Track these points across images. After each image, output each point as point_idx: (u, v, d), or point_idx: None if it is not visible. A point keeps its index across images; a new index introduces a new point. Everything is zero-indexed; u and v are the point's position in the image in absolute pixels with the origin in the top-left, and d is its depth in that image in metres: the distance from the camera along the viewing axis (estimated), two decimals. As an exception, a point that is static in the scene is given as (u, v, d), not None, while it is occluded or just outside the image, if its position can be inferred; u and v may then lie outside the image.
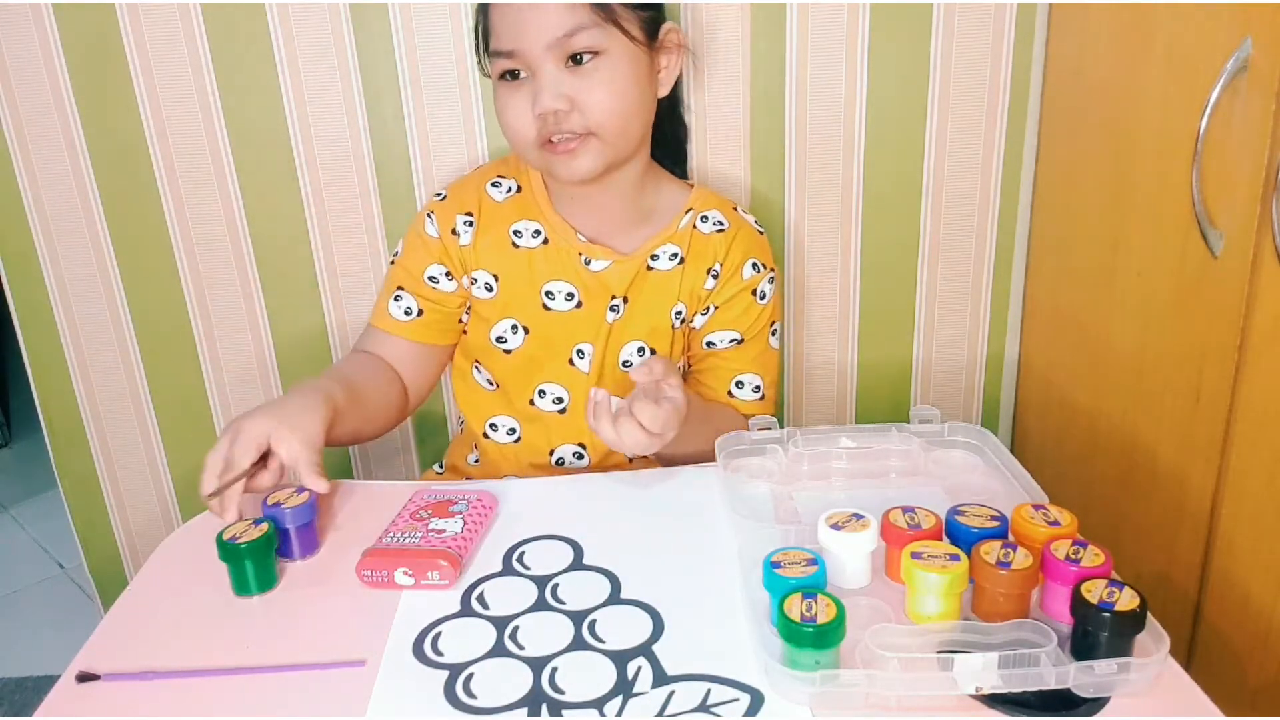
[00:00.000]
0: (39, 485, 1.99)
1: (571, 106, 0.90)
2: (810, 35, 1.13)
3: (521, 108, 0.91)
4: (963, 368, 1.29)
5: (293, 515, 0.80)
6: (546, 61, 0.89)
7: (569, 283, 1.01)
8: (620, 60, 0.91)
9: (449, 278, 1.01)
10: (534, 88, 0.90)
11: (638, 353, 1.02)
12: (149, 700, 0.67)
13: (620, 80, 0.91)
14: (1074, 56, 1.10)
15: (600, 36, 0.90)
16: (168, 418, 1.27)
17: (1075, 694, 0.62)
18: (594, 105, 0.90)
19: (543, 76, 0.89)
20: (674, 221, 1.02)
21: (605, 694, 0.65)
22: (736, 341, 1.03)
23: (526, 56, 0.89)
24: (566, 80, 0.90)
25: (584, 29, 0.89)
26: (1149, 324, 0.97)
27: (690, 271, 1.01)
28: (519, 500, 0.88)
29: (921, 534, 0.71)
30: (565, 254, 1.00)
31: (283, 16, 1.10)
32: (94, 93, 1.12)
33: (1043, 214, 1.20)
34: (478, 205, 1.02)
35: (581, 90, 0.90)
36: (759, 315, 1.03)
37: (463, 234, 1.01)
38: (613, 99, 0.91)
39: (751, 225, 1.05)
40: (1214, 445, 0.88)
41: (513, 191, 1.03)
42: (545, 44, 0.88)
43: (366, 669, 0.68)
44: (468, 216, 1.01)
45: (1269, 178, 0.78)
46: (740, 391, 1.04)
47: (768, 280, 1.03)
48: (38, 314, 1.21)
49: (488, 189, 1.03)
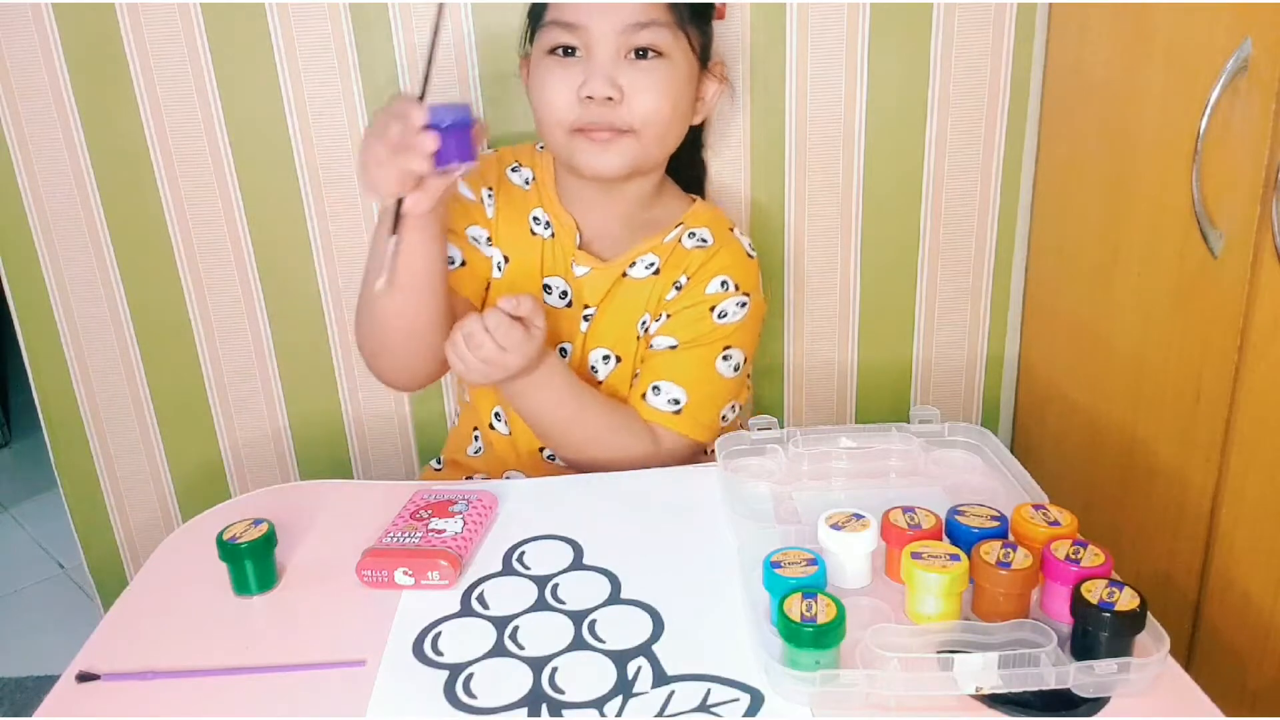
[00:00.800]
0: (39, 485, 1.99)
1: (621, 98, 0.89)
2: (810, 35, 1.13)
3: (567, 86, 0.89)
4: (963, 368, 1.29)
5: (451, 111, 0.76)
6: (609, 46, 0.88)
7: (563, 280, 1.00)
8: (679, 67, 0.91)
9: (489, 243, 1.00)
10: (586, 69, 0.88)
11: (602, 360, 1.00)
12: (149, 700, 0.67)
13: (675, 87, 0.91)
14: (1074, 56, 1.09)
15: (668, 37, 0.89)
16: (168, 418, 1.27)
17: (1075, 694, 0.62)
18: (643, 103, 0.89)
19: (601, 60, 0.88)
20: (662, 234, 1.00)
21: (605, 694, 0.65)
22: (672, 347, 0.96)
23: (590, 35, 0.88)
24: (624, 70, 0.89)
25: (656, 25, 0.88)
26: (1149, 324, 0.97)
27: (661, 282, 0.99)
28: (519, 500, 0.88)
29: (921, 534, 0.71)
30: (564, 252, 1.00)
31: (283, 16, 1.10)
32: (94, 93, 1.12)
33: (1043, 214, 1.19)
34: (498, 182, 1.01)
35: (636, 85, 0.89)
36: (709, 330, 0.96)
37: (487, 207, 1.00)
38: (662, 101, 0.90)
39: (741, 246, 1.01)
40: (1214, 445, 0.88)
41: (531, 180, 1.02)
42: (616, 28, 0.87)
43: (366, 669, 0.68)
44: (489, 191, 1.01)
45: (1269, 178, 0.78)
46: (655, 397, 0.95)
47: (736, 302, 0.97)
48: (38, 314, 1.21)
49: (507, 173, 1.02)
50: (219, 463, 1.29)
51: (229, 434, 1.28)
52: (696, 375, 0.96)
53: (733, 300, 0.97)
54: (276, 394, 1.26)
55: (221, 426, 1.27)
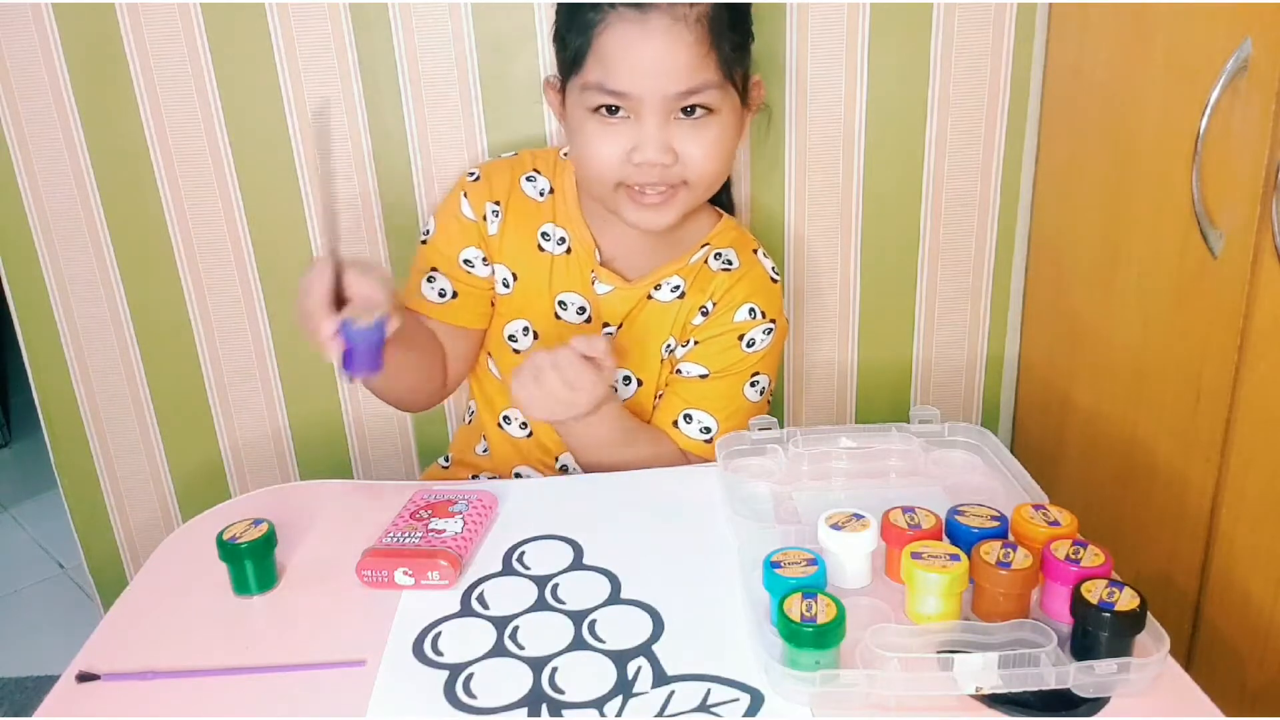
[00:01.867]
0: (39, 485, 1.99)
1: (674, 161, 0.88)
2: (810, 35, 1.13)
3: (617, 146, 0.88)
4: (963, 368, 1.29)
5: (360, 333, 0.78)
6: (659, 112, 0.86)
7: (582, 296, 1.00)
8: (729, 120, 0.90)
9: (484, 263, 1.00)
10: (636, 133, 0.87)
11: (623, 382, 1.00)
12: (149, 700, 0.67)
13: (726, 141, 0.90)
14: (1074, 56, 1.09)
15: (718, 97, 0.88)
16: (168, 418, 1.27)
17: (1075, 694, 0.62)
18: (696, 161, 0.88)
19: (651, 126, 0.86)
20: (688, 254, 0.99)
21: (605, 694, 0.65)
22: (703, 376, 0.98)
23: (639, 102, 0.86)
24: (674, 131, 0.87)
25: (708, 88, 0.87)
26: (1149, 324, 0.97)
27: (687, 306, 0.98)
28: (519, 500, 0.88)
29: (921, 534, 0.71)
30: (582, 268, 0.99)
31: (283, 16, 1.10)
32: (94, 93, 1.12)
33: (1043, 214, 1.19)
34: (507, 195, 1.00)
35: (688, 144, 0.88)
36: (739, 360, 0.98)
37: (490, 223, 0.99)
38: (716, 159, 0.90)
39: (765, 269, 1.01)
40: (1214, 445, 0.88)
41: (546, 193, 1.00)
42: (666, 95, 0.85)
43: (366, 669, 0.68)
44: (495, 205, 0.99)
45: (1269, 178, 0.78)
46: (687, 425, 0.97)
47: (763, 330, 0.98)
48: (38, 314, 1.21)
49: (521, 182, 1.00)
50: (219, 463, 1.29)
51: (229, 434, 1.28)
52: (726, 404, 0.98)
53: (760, 328, 0.98)
54: (276, 394, 1.26)
55: (221, 426, 1.27)
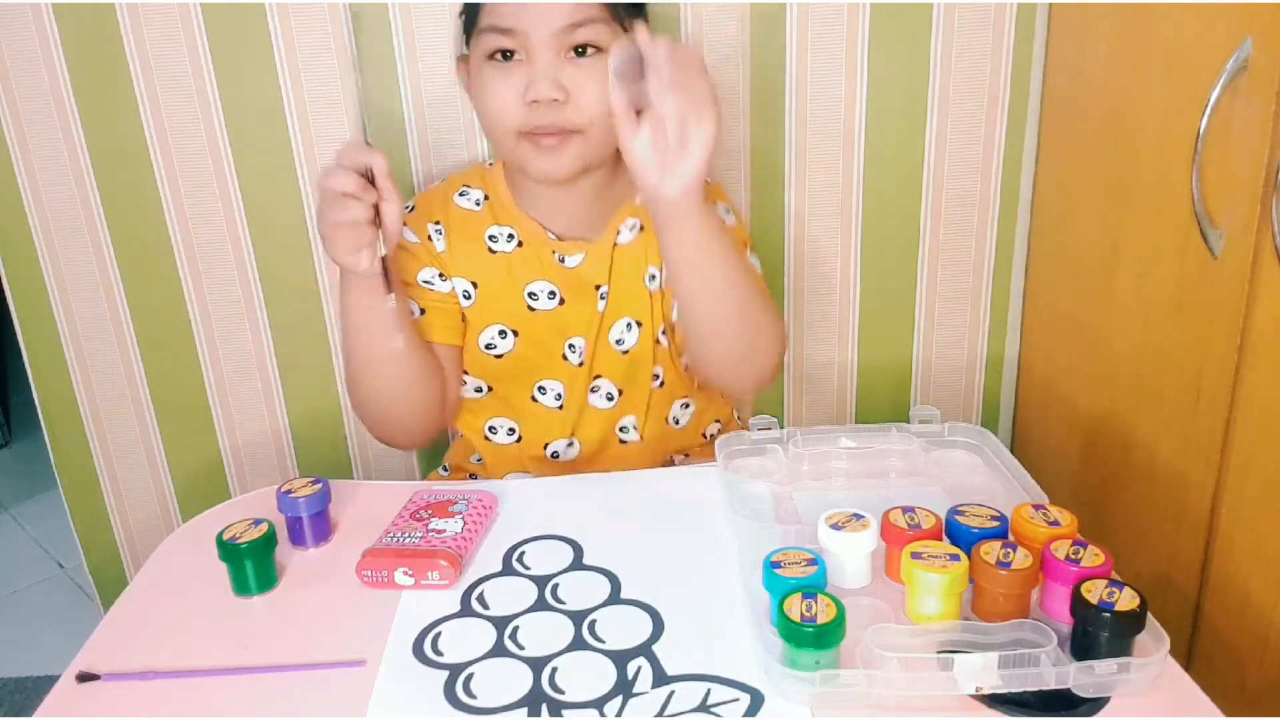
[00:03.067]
0: (39, 485, 1.99)
1: (567, 98, 0.88)
2: (810, 35, 1.13)
3: (511, 91, 0.89)
4: (963, 368, 1.29)
5: (306, 504, 0.81)
6: (548, 47, 0.87)
7: (549, 281, 1.00)
8: None
9: (442, 279, 1.00)
10: (529, 73, 0.88)
11: (626, 329, 1.01)
12: (149, 700, 0.67)
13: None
14: (1074, 56, 1.09)
15: (606, 33, 0.89)
16: (168, 418, 1.27)
17: (1075, 694, 0.62)
18: (590, 101, 0.89)
19: (541, 63, 0.88)
20: (632, 197, 0.99)
21: (605, 694, 0.65)
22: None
23: (528, 38, 0.87)
24: (566, 70, 0.88)
25: (594, 21, 0.88)
26: (1149, 324, 0.97)
27: (650, 235, 0.98)
28: (519, 500, 0.88)
29: (921, 534, 0.71)
30: (540, 254, 1.00)
31: (283, 16, 1.10)
32: (94, 93, 1.12)
33: (1043, 214, 1.19)
34: (445, 213, 1.01)
35: (579, 83, 0.88)
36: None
37: (436, 241, 1.00)
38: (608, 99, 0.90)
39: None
40: (1214, 445, 0.88)
41: (482, 201, 1.01)
42: (552, 29, 0.87)
43: (366, 669, 0.68)
44: (436, 225, 1.00)
45: (1269, 178, 0.78)
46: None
47: (722, 210, 1.00)
48: (38, 314, 1.21)
49: (455, 199, 1.01)
50: (219, 463, 1.29)
51: (229, 434, 1.28)
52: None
53: (719, 210, 0.98)
54: (276, 394, 1.26)
55: (221, 426, 1.27)
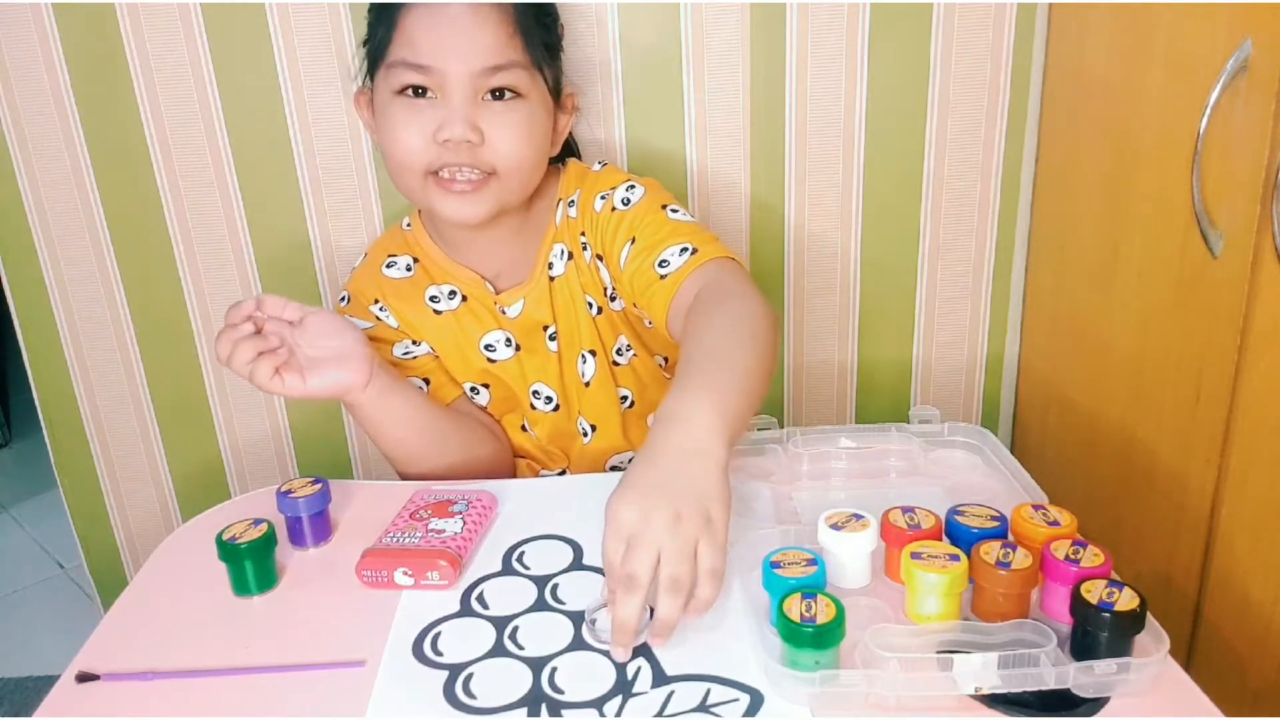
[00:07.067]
0: (39, 485, 1.99)
1: (481, 140, 0.87)
2: (810, 35, 1.13)
3: (422, 130, 0.87)
4: (963, 368, 1.29)
5: (306, 504, 0.81)
6: (465, 88, 0.86)
7: (501, 330, 0.99)
8: (537, 108, 0.90)
9: (415, 344, 1.00)
10: (442, 112, 0.86)
11: (582, 360, 0.99)
12: (149, 700, 0.67)
13: (534, 126, 0.90)
14: (1074, 56, 1.09)
15: (525, 79, 0.88)
16: (168, 418, 1.27)
17: (1075, 694, 0.62)
18: (504, 145, 0.88)
19: (458, 103, 0.86)
20: (552, 221, 0.98)
21: (605, 694, 0.65)
22: (631, 242, 0.93)
23: (444, 77, 0.85)
24: (481, 112, 0.87)
25: (515, 66, 0.87)
26: (1149, 324, 0.97)
27: (579, 259, 0.97)
28: (519, 500, 0.88)
29: (921, 534, 0.71)
30: (485, 306, 0.99)
31: (283, 16, 1.10)
32: (94, 93, 1.12)
33: (1043, 214, 1.20)
34: (380, 291, 1.00)
35: (495, 127, 0.87)
36: (635, 214, 0.93)
37: (386, 319, 0.99)
38: (523, 143, 0.89)
39: (592, 171, 0.99)
40: (1214, 445, 0.88)
41: (412, 265, 1.00)
42: (472, 70, 0.85)
43: (366, 669, 0.68)
44: (377, 304, 0.99)
45: (1269, 178, 0.78)
46: (668, 267, 0.89)
47: (624, 188, 0.95)
48: (38, 314, 1.21)
49: (384, 272, 1.00)
50: (219, 463, 1.29)
51: (229, 434, 1.28)
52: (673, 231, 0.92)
53: (620, 190, 0.95)
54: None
55: (221, 426, 1.27)
